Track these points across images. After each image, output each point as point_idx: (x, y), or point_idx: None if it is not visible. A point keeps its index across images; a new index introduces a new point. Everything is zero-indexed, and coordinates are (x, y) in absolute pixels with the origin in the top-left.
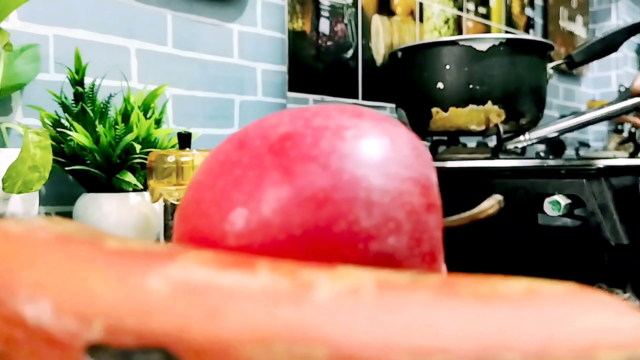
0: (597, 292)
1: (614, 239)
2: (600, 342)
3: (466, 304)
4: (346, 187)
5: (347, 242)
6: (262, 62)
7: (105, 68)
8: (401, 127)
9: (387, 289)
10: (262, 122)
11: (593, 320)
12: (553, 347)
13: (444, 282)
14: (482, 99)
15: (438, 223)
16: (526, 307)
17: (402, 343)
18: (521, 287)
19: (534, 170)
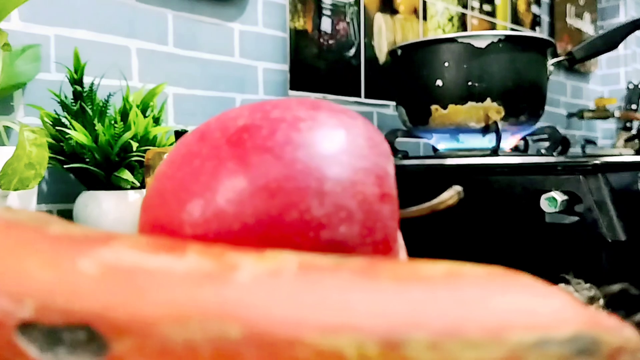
0: (521, 275)
1: (610, 235)
2: (514, 322)
3: (383, 285)
4: (299, 177)
5: (299, 231)
6: (263, 60)
7: (107, 68)
8: (359, 119)
9: (308, 271)
10: (224, 115)
11: (510, 302)
12: (463, 327)
13: (366, 265)
14: (481, 96)
15: (393, 213)
16: (443, 288)
17: (314, 321)
18: (442, 269)
19: (531, 167)
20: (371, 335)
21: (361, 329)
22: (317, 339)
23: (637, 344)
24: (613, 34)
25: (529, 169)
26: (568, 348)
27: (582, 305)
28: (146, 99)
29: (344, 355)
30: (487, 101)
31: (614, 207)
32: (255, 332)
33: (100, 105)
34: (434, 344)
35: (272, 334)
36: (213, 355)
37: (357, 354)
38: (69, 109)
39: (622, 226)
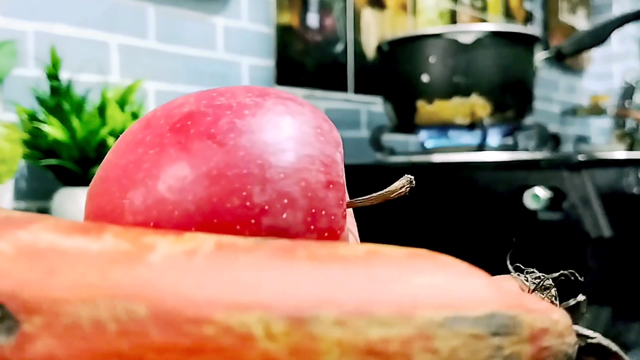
0: (445, 256)
1: (594, 231)
2: (425, 301)
3: (297, 264)
4: (240, 163)
5: (240, 218)
6: (248, 56)
7: (87, 63)
8: (307, 107)
9: (223, 251)
10: (171, 103)
11: (425, 281)
12: (373, 304)
13: (284, 245)
14: (467, 92)
15: (339, 200)
16: (358, 267)
17: (223, 299)
18: (362, 250)
19: (515, 164)
20: (279, 313)
21: (269, 307)
22: (224, 317)
23: (566, 327)
24: (601, 30)
25: (512, 165)
26: (481, 327)
27: (507, 288)
28: (124, 95)
29: (251, 332)
30: (473, 97)
31: (599, 204)
32: (161, 311)
33: (77, 101)
34: (341, 321)
35: (179, 312)
36: (119, 332)
37: (264, 330)
38: (46, 104)
39: (607, 223)
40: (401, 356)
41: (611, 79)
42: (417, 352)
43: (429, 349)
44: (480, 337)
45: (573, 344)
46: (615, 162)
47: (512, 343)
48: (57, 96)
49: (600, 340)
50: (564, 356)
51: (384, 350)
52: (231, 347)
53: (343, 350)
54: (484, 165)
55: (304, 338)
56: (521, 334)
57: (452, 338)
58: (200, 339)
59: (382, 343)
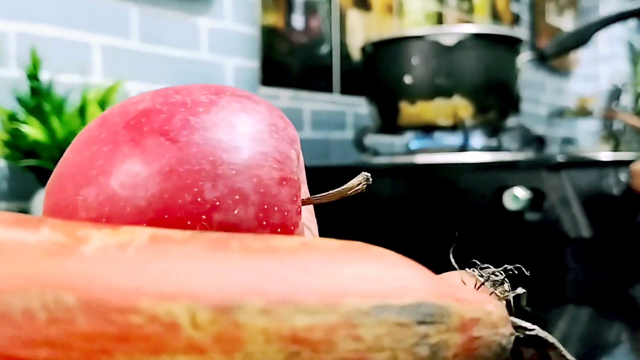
0: (379, 248)
1: (573, 231)
2: (352, 290)
3: (229, 256)
4: (193, 160)
5: (191, 213)
6: (232, 56)
7: (69, 64)
8: (262, 105)
9: (157, 243)
10: (128, 100)
11: (354, 271)
12: (300, 293)
13: (218, 238)
14: (449, 93)
15: (293, 197)
16: (289, 258)
17: (151, 289)
18: (296, 242)
19: (495, 164)
20: (205, 302)
21: (196, 296)
22: (151, 306)
23: (500, 318)
24: (583, 31)
25: (492, 166)
26: (408, 316)
27: (441, 280)
28: (105, 95)
29: (177, 321)
30: (455, 98)
31: (578, 204)
32: (89, 300)
33: (58, 101)
34: (266, 310)
35: (106, 302)
36: (48, 321)
37: (190, 319)
38: (26, 105)
39: (587, 223)
40: (325, 343)
41: (598, 81)
42: (341, 340)
43: (353, 336)
44: (405, 325)
45: (508, 334)
46: (596, 163)
47: (439, 332)
48: (37, 97)
49: (538, 332)
50: (498, 346)
51: (308, 338)
52: (157, 335)
53: (267, 338)
54: (465, 166)
55: (228, 326)
56: (449, 323)
57: (377, 326)
58: (127, 327)
59: (307, 331)
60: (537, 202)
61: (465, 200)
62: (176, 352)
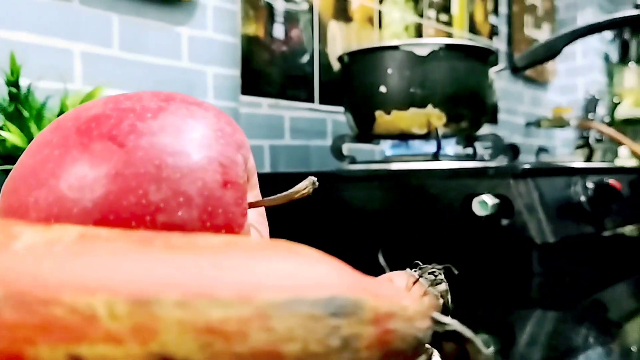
0: (301, 246)
1: (539, 237)
2: (268, 284)
3: (151, 252)
4: (138, 163)
5: (135, 215)
6: (213, 65)
7: (49, 70)
8: (211, 111)
9: (84, 240)
10: (83, 106)
11: (271, 267)
12: (216, 287)
13: (145, 236)
14: (423, 103)
15: (238, 199)
16: (210, 255)
17: (73, 283)
18: (220, 240)
19: (464, 172)
20: (123, 295)
21: (114, 290)
22: (72, 299)
23: (417, 313)
24: (554, 43)
25: (461, 174)
26: (320, 308)
27: (359, 275)
28: (84, 101)
29: (95, 313)
30: (428, 107)
31: (544, 211)
32: (14, 292)
33: (37, 107)
34: (182, 303)
35: (30, 294)
36: None
37: (108, 311)
38: (4, 110)
39: (552, 229)
40: (238, 334)
41: (575, 92)
42: (253, 331)
43: (266, 327)
44: (317, 318)
45: (425, 328)
46: (562, 170)
47: (351, 324)
48: (15, 102)
49: (456, 326)
50: (414, 339)
51: (222, 329)
52: (77, 325)
53: (182, 329)
54: (436, 173)
55: (145, 318)
56: (362, 316)
57: (289, 318)
58: (49, 318)
59: (221, 323)
60: (504, 209)
61: (436, 206)
62: (95, 341)
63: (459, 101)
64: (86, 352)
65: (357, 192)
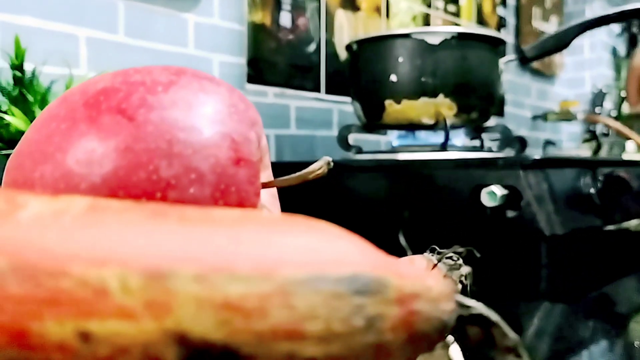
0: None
1: (548, 229)
2: (289, 260)
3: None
4: (149, 138)
5: (146, 191)
6: (219, 53)
7: (54, 55)
8: (223, 86)
9: (94, 211)
10: (89, 81)
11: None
12: (235, 262)
13: (158, 207)
14: (434, 92)
15: (251, 178)
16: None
17: (83, 255)
18: (237, 214)
19: (473, 162)
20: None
21: (127, 262)
22: (82, 271)
23: (441, 294)
24: (564, 34)
25: (470, 164)
26: (343, 286)
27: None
28: None
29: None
30: (439, 97)
31: (553, 202)
32: (20, 264)
33: (41, 91)
34: (200, 277)
35: (37, 265)
36: None
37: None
38: (8, 94)
39: (561, 221)
40: (258, 311)
41: (583, 85)
42: (274, 308)
43: (287, 305)
44: (341, 296)
45: (449, 311)
46: (572, 162)
47: (375, 303)
48: (20, 86)
49: (481, 309)
50: (438, 322)
51: (241, 306)
52: (86, 299)
53: (199, 305)
54: (444, 163)
55: (159, 292)
56: (387, 295)
57: (312, 295)
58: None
59: (240, 299)
60: (513, 200)
61: (444, 197)
62: (106, 317)
63: (470, 91)
64: (96, 328)
65: (364, 183)
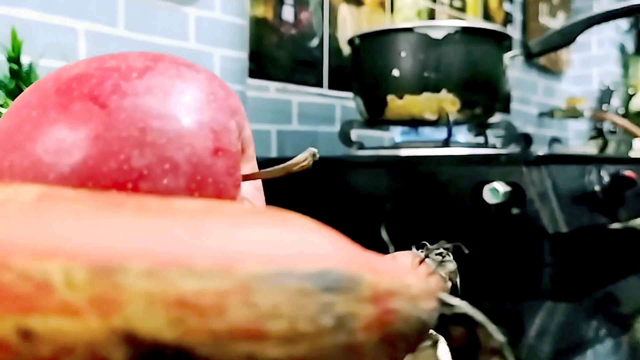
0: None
1: (551, 227)
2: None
3: (120, 215)
4: (120, 126)
5: (116, 182)
6: (220, 47)
7: (53, 49)
8: (202, 73)
9: (45, 200)
10: (64, 67)
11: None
12: (191, 256)
13: (115, 197)
14: (437, 87)
15: (230, 169)
16: (187, 220)
17: (25, 246)
18: (200, 205)
19: (476, 159)
20: (82, 261)
21: (73, 255)
22: (24, 264)
23: (421, 292)
24: (570, 29)
25: (473, 161)
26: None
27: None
28: None
29: (50, 280)
30: (442, 92)
31: (556, 200)
32: None
33: None
34: (152, 272)
35: None
36: None
37: (64, 279)
38: (5, 87)
39: (565, 219)
40: (216, 309)
41: (590, 82)
42: (233, 306)
43: (247, 302)
44: (307, 293)
45: (430, 310)
46: (576, 159)
47: (346, 301)
48: (17, 79)
49: (465, 309)
50: (417, 321)
51: (196, 303)
52: (28, 294)
53: (150, 302)
54: (446, 159)
55: (107, 288)
56: (360, 292)
57: (275, 292)
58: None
59: (196, 295)
60: (516, 197)
61: (446, 194)
62: (49, 313)
63: (474, 86)
64: (38, 325)
65: (365, 179)
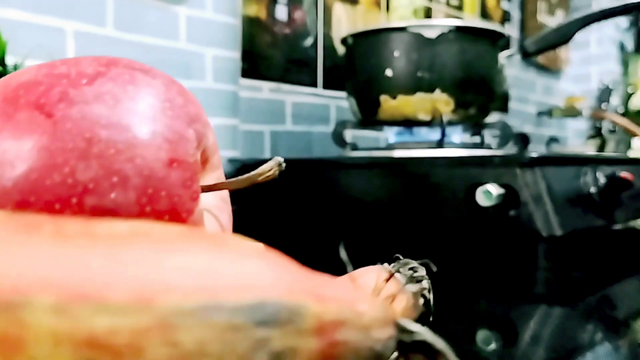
0: (231, 237)
1: (546, 230)
2: (175, 285)
3: (34, 241)
4: (66, 137)
5: (60, 196)
6: (212, 47)
7: (40, 50)
8: (159, 79)
9: None
10: (16, 72)
11: (183, 263)
12: (105, 289)
13: (32, 221)
14: (431, 87)
15: (186, 181)
16: (107, 247)
17: None
18: (126, 229)
19: (469, 160)
20: None
21: None
22: None
23: (375, 320)
24: (566, 28)
25: (465, 162)
26: (243, 316)
27: (303, 273)
28: None
29: None
30: (436, 92)
31: (551, 202)
32: None
33: None
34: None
35: None
36: None
37: None
38: None
39: (559, 221)
40: (132, 349)
41: (589, 81)
42: (152, 345)
43: (169, 341)
44: (238, 328)
45: (384, 338)
46: (571, 160)
47: (285, 335)
48: None
49: (425, 335)
50: (369, 352)
51: (109, 343)
52: None
53: (57, 341)
54: (439, 161)
55: (10, 325)
56: (301, 324)
57: (201, 329)
58: None
59: (109, 334)
60: (510, 199)
61: (440, 196)
62: None
63: (468, 86)
64: None
65: (359, 180)
